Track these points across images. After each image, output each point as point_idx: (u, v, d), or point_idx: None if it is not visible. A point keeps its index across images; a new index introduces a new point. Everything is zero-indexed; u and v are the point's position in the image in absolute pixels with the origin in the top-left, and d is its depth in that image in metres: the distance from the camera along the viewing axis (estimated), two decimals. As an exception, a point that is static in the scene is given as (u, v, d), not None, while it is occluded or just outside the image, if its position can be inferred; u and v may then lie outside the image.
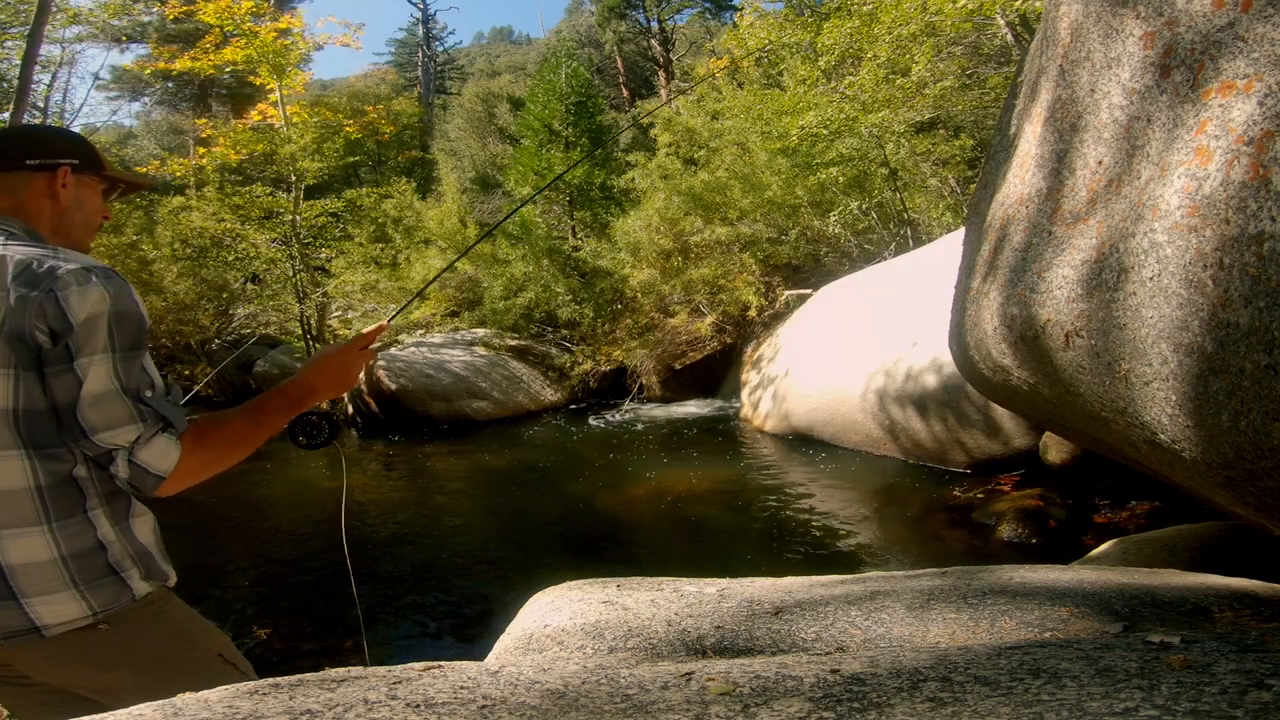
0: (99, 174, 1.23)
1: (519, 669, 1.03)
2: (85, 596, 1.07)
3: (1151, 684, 0.85)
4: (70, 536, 1.05)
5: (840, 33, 8.82)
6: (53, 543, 1.04)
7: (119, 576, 1.10)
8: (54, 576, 1.04)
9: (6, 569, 1.03)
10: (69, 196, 1.18)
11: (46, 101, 9.99)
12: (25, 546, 1.03)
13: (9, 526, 1.02)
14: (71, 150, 1.19)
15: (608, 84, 24.94)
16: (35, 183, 1.15)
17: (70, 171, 1.18)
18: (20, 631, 1.05)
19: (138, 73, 18.93)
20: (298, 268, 9.73)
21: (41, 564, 1.04)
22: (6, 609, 1.03)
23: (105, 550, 1.09)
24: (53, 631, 1.05)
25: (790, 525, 4.45)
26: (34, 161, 1.15)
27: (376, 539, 4.76)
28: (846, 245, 9.78)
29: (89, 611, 1.07)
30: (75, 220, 1.20)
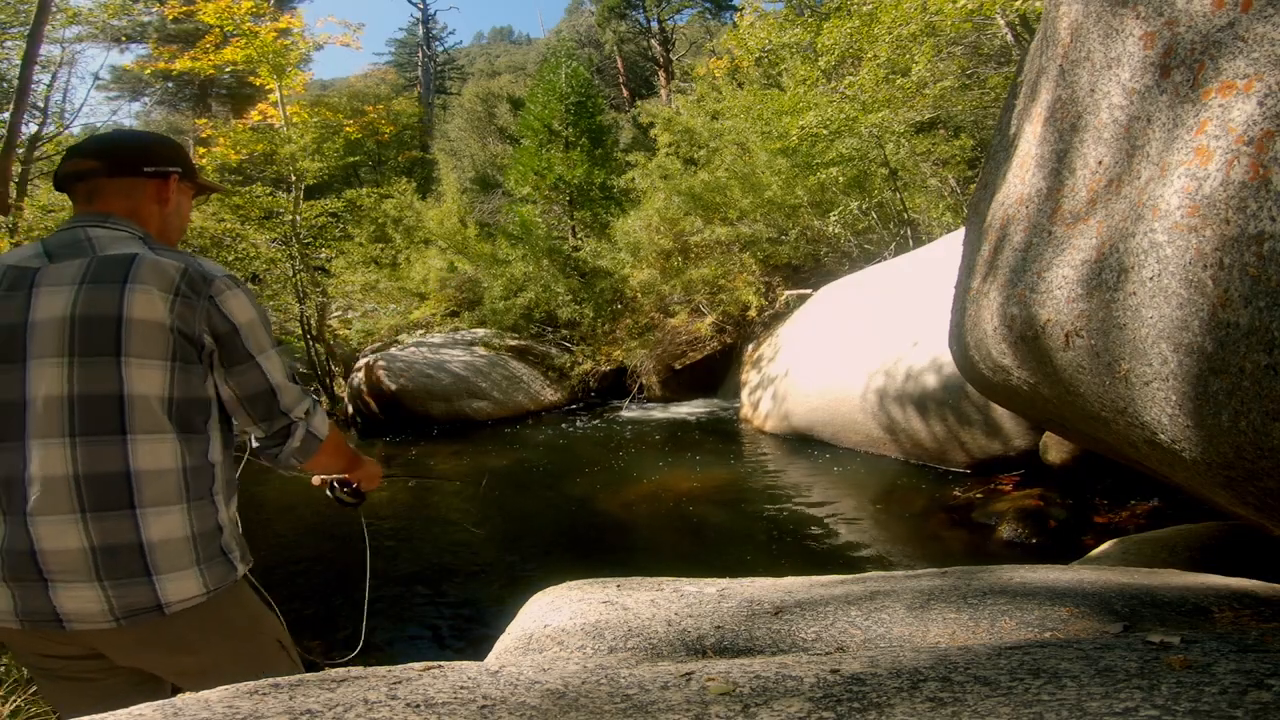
0: (194, 182, 1.35)
1: (519, 669, 1.03)
2: (204, 574, 1.14)
3: (1151, 684, 0.85)
4: (201, 516, 1.15)
5: (840, 33, 8.82)
6: (188, 521, 1.13)
7: (227, 557, 1.19)
8: (185, 553, 1.12)
9: (146, 545, 1.09)
10: (174, 203, 1.30)
11: (46, 101, 9.98)
12: (168, 523, 1.11)
13: (155, 504, 1.10)
14: (178, 159, 1.30)
15: (608, 84, 24.93)
16: (148, 189, 1.26)
17: (177, 179, 1.29)
18: (144, 609, 1.10)
19: (138, 73, 18.92)
20: (298, 268, 9.73)
21: (177, 540, 1.12)
22: (138, 586, 1.09)
23: (222, 531, 1.19)
24: (174, 609, 1.11)
25: (790, 525, 4.45)
26: (150, 169, 1.26)
27: (376, 539, 4.76)
28: (846, 245, 9.78)
29: (205, 590, 1.14)
30: (175, 224, 1.32)
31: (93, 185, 1.22)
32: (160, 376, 1.11)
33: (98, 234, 1.17)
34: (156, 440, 1.11)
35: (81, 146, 1.28)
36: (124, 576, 1.08)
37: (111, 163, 1.23)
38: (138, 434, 1.09)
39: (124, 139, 1.36)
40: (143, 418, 1.10)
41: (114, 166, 1.23)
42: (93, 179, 1.22)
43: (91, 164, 1.22)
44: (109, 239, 1.17)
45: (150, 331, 1.10)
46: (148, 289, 1.10)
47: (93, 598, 1.07)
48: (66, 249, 1.15)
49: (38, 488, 1.06)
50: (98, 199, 1.22)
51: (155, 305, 1.10)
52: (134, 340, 1.09)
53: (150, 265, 1.12)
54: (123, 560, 1.08)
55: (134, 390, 1.09)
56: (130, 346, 1.09)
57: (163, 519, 1.10)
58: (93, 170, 1.22)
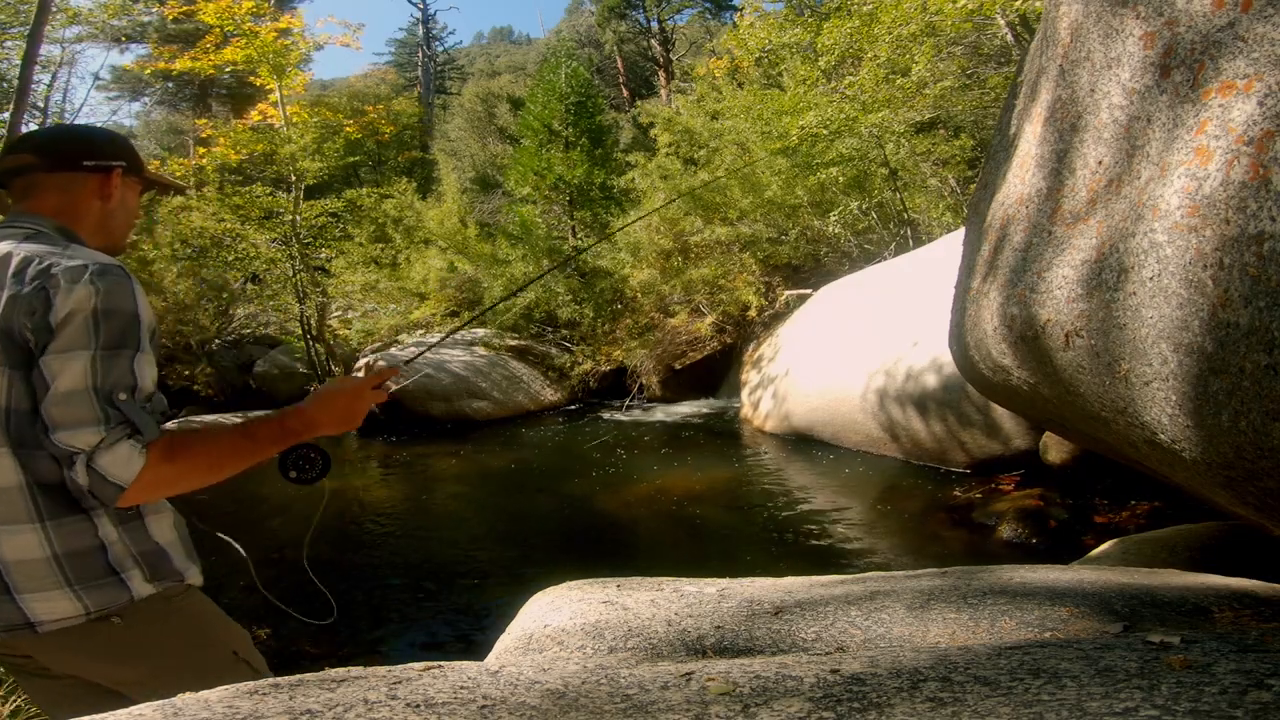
0: (140, 176, 1.27)
1: (519, 669, 1.03)
2: (80, 596, 1.06)
3: (1151, 684, 0.85)
4: (66, 536, 1.05)
5: (840, 33, 8.82)
6: (45, 541, 1.04)
7: (118, 577, 1.08)
8: (46, 575, 1.04)
9: (1, 565, 1.03)
10: (117, 198, 1.22)
11: (46, 101, 10.00)
12: (18, 543, 1.03)
13: (3, 523, 1.03)
14: (121, 153, 1.23)
15: (608, 84, 24.93)
16: (89, 183, 1.19)
17: (120, 174, 1.22)
18: (17, 625, 1.05)
19: (138, 73, 18.93)
20: (298, 268, 9.72)
21: (34, 561, 1.04)
22: (3, 603, 1.04)
23: (105, 550, 1.08)
24: (47, 628, 1.05)
25: (790, 525, 4.45)
26: (90, 163, 1.18)
27: (377, 539, 4.77)
28: (846, 245, 9.78)
29: (83, 611, 1.06)
30: (119, 220, 1.24)
31: (29, 180, 1.16)
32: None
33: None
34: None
35: (20, 141, 1.23)
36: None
37: (50, 157, 1.17)
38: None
39: (64, 132, 1.33)
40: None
41: (52, 161, 1.17)
42: (30, 174, 1.16)
43: (29, 159, 1.16)
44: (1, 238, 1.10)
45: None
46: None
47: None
48: None
49: None
50: (32, 195, 1.16)
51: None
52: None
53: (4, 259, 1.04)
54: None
55: None
56: None
57: (13, 539, 1.03)
58: (30, 165, 1.16)
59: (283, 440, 1.19)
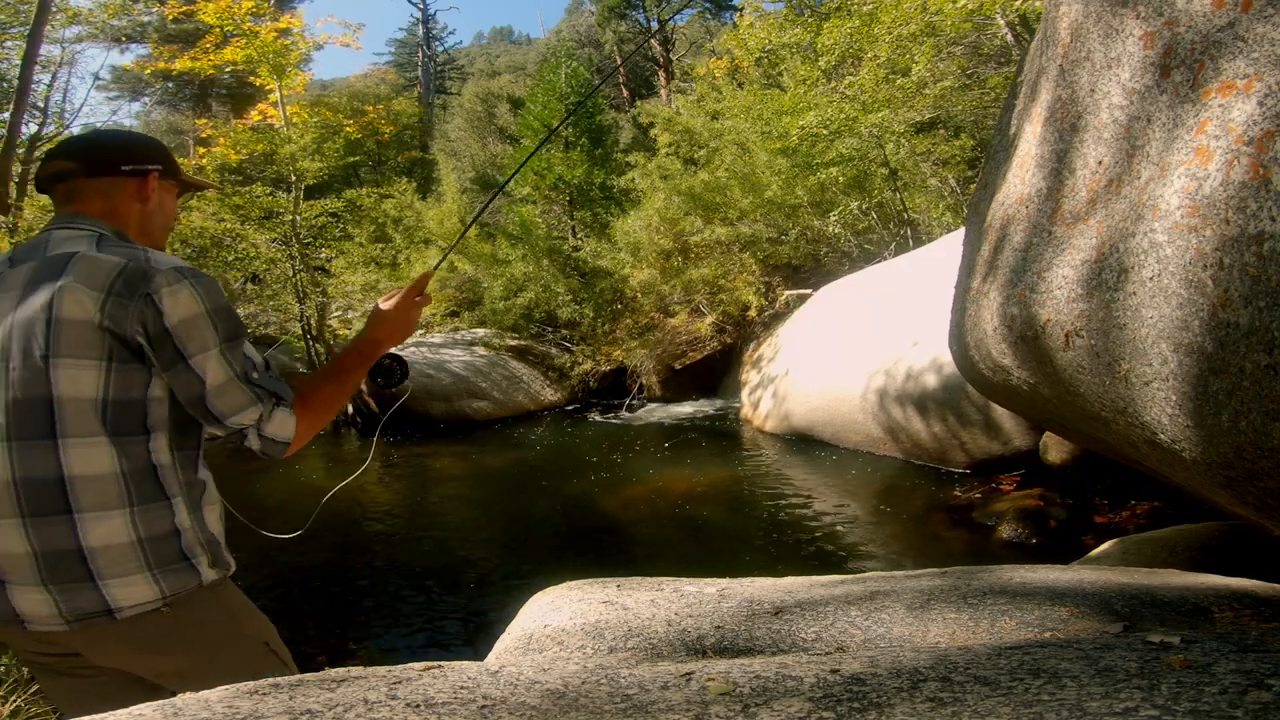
0: (176, 179, 1.33)
1: (519, 669, 1.03)
2: (158, 580, 1.11)
3: (1151, 684, 0.85)
4: (149, 521, 1.11)
5: (840, 33, 8.82)
6: (132, 526, 1.10)
7: (190, 562, 1.15)
8: (131, 559, 1.09)
9: (87, 551, 1.07)
10: (155, 201, 1.28)
11: (46, 101, 9.98)
12: (107, 529, 1.08)
13: (93, 510, 1.07)
14: (157, 157, 1.29)
15: (608, 84, 24.92)
16: (128, 188, 1.24)
17: (157, 177, 1.27)
18: (93, 614, 1.09)
19: (138, 73, 18.91)
20: (298, 268, 9.72)
21: (120, 546, 1.09)
22: (83, 590, 1.07)
23: (180, 536, 1.14)
24: (125, 614, 1.10)
25: (790, 525, 4.45)
26: (128, 168, 1.24)
27: (377, 539, 4.77)
28: (846, 245, 9.78)
29: (159, 595, 1.11)
30: (158, 222, 1.30)
31: (71, 186, 1.21)
32: (93, 378, 1.08)
33: (57, 235, 1.17)
34: (90, 444, 1.08)
35: (60, 147, 1.27)
36: (68, 581, 1.07)
37: (89, 162, 1.22)
38: (70, 438, 1.07)
39: (102, 138, 1.35)
40: (74, 421, 1.07)
41: (91, 166, 1.22)
42: (71, 180, 1.21)
43: (69, 164, 1.22)
44: (63, 239, 1.16)
45: (81, 332, 1.08)
46: (77, 288, 1.08)
47: (42, 600, 1.07)
48: (26, 253, 1.16)
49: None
50: (75, 199, 1.21)
51: (84, 305, 1.08)
52: (64, 341, 1.07)
53: (86, 264, 1.10)
54: (66, 565, 1.07)
55: (63, 393, 1.07)
56: (60, 348, 1.07)
57: (103, 524, 1.08)
58: (70, 171, 1.21)
59: (364, 363, 1.37)
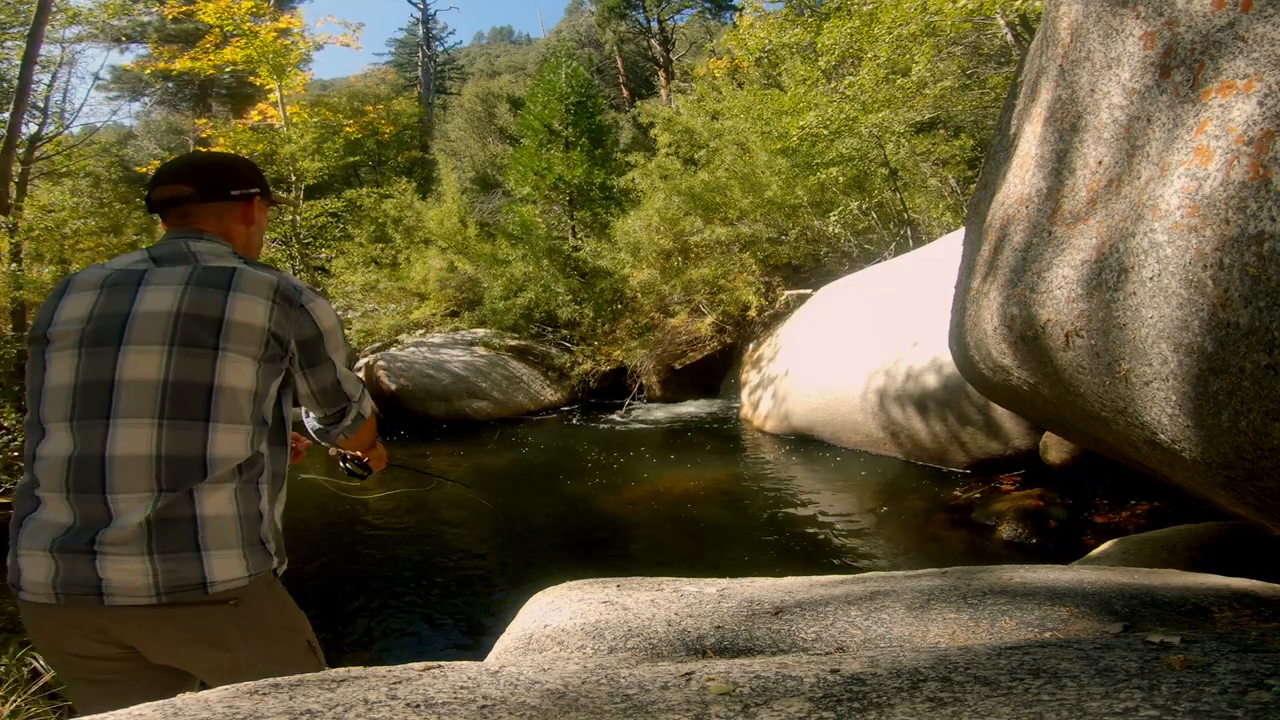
0: (269, 199, 1.46)
1: (519, 669, 1.03)
2: (247, 557, 1.19)
3: (1151, 684, 0.85)
4: (247, 499, 1.21)
5: (840, 33, 8.83)
6: (235, 501, 1.19)
7: (265, 547, 1.23)
8: (231, 531, 1.18)
9: (199, 519, 1.15)
10: (257, 221, 1.42)
11: (46, 101, 9.95)
12: (218, 499, 1.17)
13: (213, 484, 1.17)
14: (257, 180, 1.42)
15: (608, 84, 24.93)
16: (235, 210, 1.38)
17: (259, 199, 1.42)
18: (188, 586, 1.13)
19: (138, 73, 18.91)
20: (298, 268, 9.73)
21: (226, 518, 1.18)
22: (187, 561, 1.13)
23: (262, 520, 1.24)
24: (216, 588, 1.15)
25: (790, 525, 4.45)
26: (237, 192, 1.37)
27: (377, 539, 4.77)
28: (846, 245, 9.78)
29: (247, 573, 1.19)
30: (257, 240, 1.45)
31: (186, 209, 1.33)
32: (251, 371, 1.22)
33: (199, 246, 1.29)
34: (234, 430, 1.19)
35: (171, 171, 1.36)
36: (175, 550, 1.13)
37: (203, 187, 1.34)
38: (220, 422, 1.18)
39: (212, 163, 1.45)
40: (227, 408, 1.19)
41: (205, 192, 1.34)
42: (186, 204, 1.33)
43: (184, 189, 1.33)
44: (210, 252, 1.29)
45: (248, 333, 1.21)
46: (249, 296, 1.23)
47: (140, 570, 1.11)
48: (172, 256, 1.27)
49: (121, 466, 1.13)
50: (191, 220, 1.33)
51: (256, 310, 1.23)
52: (233, 338, 1.20)
53: (251, 276, 1.25)
54: (176, 533, 1.13)
55: (224, 382, 1.19)
56: (229, 343, 1.20)
57: (215, 495, 1.17)
58: (186, 196, 1.32)
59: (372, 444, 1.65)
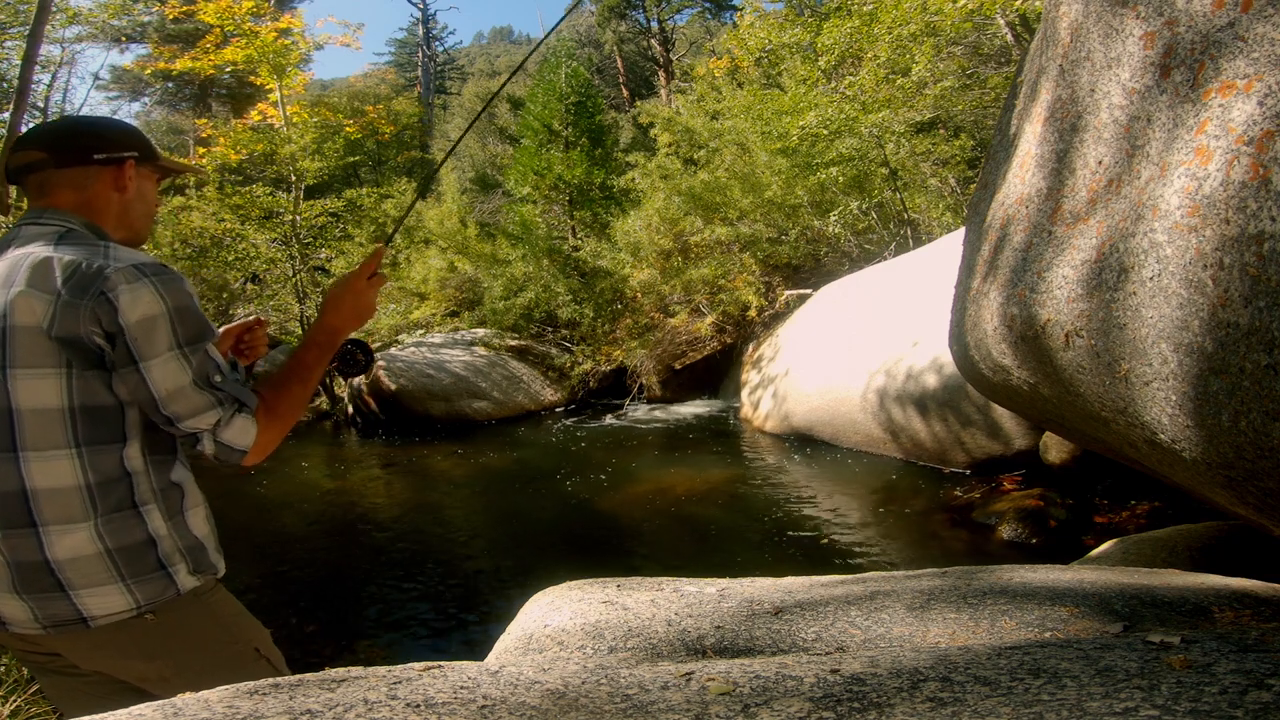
0: (155, 164, 1.26)
1: (519, 669, 1.03)
2: (131, 590, 1.09)
3: (1151, 684, 0.85)
4: (117, 531, 1.07)
5: (840, 33, 8.83)
6: (98, 537, 1.06)
7: (166, 571, 1.12)
8: (100, 570, 1.07)
9: (54, 564, 1.05)
10: (133, 189, 1.21)
11: (46, 101, 9.96)
12: (72, 542, 1.05)
13: (57, 523, 1.05)
14: (133, 143, 1.21)
15: (608, 84, 24.93)
16: (103, 176, 1.17)
17: (134, 164, 1.20)
18: (68, 621, 1.08)
19: (138, 73, 18.93)
20: (298, 268, 9.72)
21: (88, 558, 1.06)
22: (56, 600, 1.06)
23: (155, 545, 1.11)
24: (99, 622, 1.08)
25: (790, 525, 4.45)
26: (101, 156, 1.17)
27: (377, 539, 4.77)
28: (846, 245, 9.78)
29: (134, 605, 1.09)
30: (138, 211, 1.23)
31: (42, 177, 1.15)
32: (54, 386, 1.03)
33: (26, 231, 1.11)
34: (52, 458, 1.04)
35: (28, 135, 1.19)
36: (39, 591, 1.05)
37: (59, 152, 1.15)
38: (29, 451, 1.03)
39: (71, 125, 1.27)
40: (35, 434, 1.03)
41: (62, 156, 1.15)
42: (41, 170, 1.15)
43: (38, 155, 1.15)
44: (31, 235, 1.10)
45: (34, 339, 1.02)
46: (28, 292, 1.02)
47: (19, 607, 1.07)
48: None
49: None
50: (49, 191, 1.15)
51: (35, 310, 1.02)
52: (19, 350, 1.02)
53: (38, 265, 1.04)
54: (35, 576, 1.05)
55: (22, 404, 1.02)
56: (15, 357, 1.02)
57: (66, 537, 1.05)
58: (40, 161, 1.14)
59: (325, 355, 1.29)
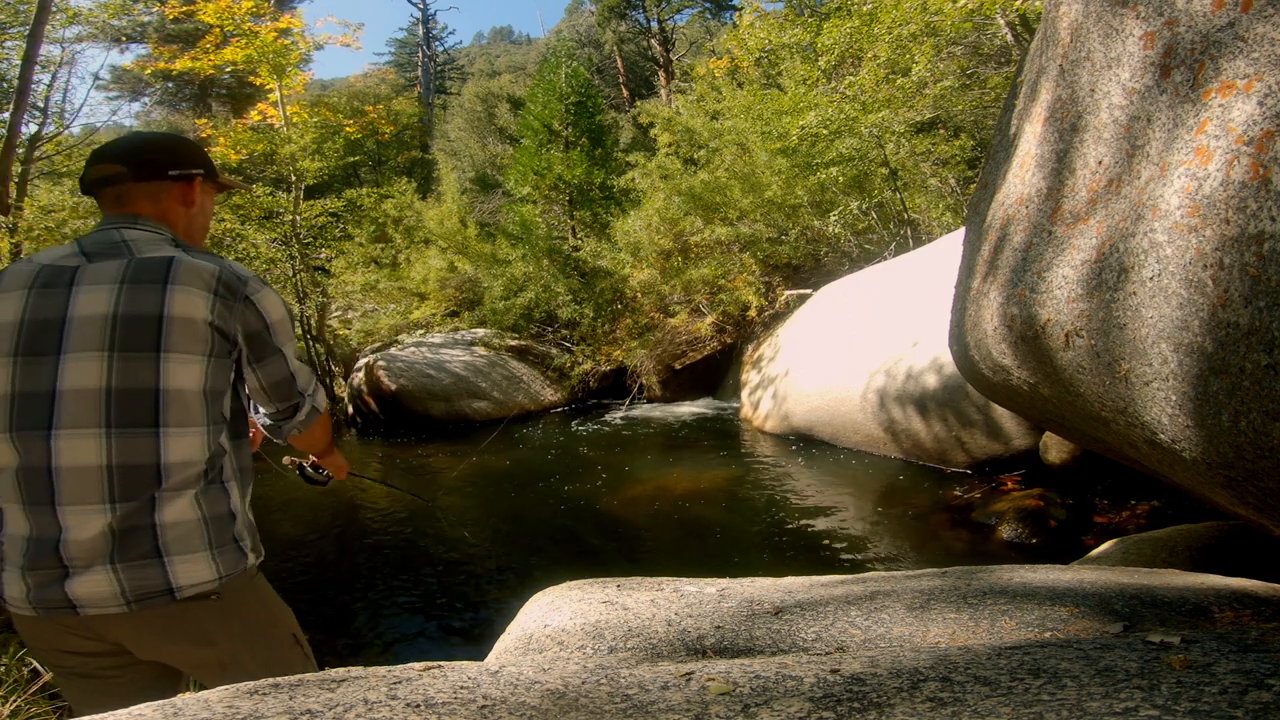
0: (215, 181, 1.39)
1: (519, 669, 1.03)
2: (216, 560, 1.16)
3: (1151, 684, 0.85)
4: (212, 501, 1.18)
5: (840, 33, 8.83)
6: (199, 504, 1.16)
7: (239, 545, 1.21)
8: (196, 536, 1.15)
9: (159, 527, 1.12)
10: (199, 204, 1.34)
11: (46, 101, 9.94)
12: (179, 506, 1.14)
13: (172, 489, 1.13)
14: (200, 161, 1.34)
15: (608, 84, 24.94)
16: (174, 192, 1.29)
17: (201, 180, 1.33)
18: (155, 594, 1.12)
19: (138, 73, 18.93)
20: (298, 268, 9.72)
21: (188, 522, 1.15)
22: (149, 567, 1.11)
23: (234, 519, 1.21)
24: (185, 593, 1.13)
25: (790, 525, 4.45)
26: (175, 172, 1.29)
27: (377, 539, 4.77)
28: (846, 245, 9.78)
29: (217, 575, 1.16)
30: (200, 224, 1.36)
31: (120, 190, 1.25)
32: (198, 370, 1.16)
33: (133, 235, 1.21)
34: (187, 434, 1.15)
35: (106, 151, 1.29)
36: (136, 558, 1.10)
37: (138, 167, 1.25)
38: (171, 427, 1.14)
39: (149, 142, 1.36)
40: (177, 412, 1.14)
41: (140, 170, 1.25)
42: (120, 183, 1.25)
43: (118, 168, 1.25)
44: (144, 241, 1.21)
45: (190, 329, 1.16)
46: (188, 289, 1.16)
47: (105, 580, 1.09)
48: (104, 249, 1.19)
49: (68, 477, 1.09)
50: (126, 202, 1.25)
51: (196, 304, 1.16)
52: (174, 337, 1.14)
53: (189, 267, 1.18)
54: (137, 541, 1.10)
55: (170, 385, 1.14)
56: (171, 343, 1.14)
57: (175, 501, 1.13)
58: (120, 175, 1.24)
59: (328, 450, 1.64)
